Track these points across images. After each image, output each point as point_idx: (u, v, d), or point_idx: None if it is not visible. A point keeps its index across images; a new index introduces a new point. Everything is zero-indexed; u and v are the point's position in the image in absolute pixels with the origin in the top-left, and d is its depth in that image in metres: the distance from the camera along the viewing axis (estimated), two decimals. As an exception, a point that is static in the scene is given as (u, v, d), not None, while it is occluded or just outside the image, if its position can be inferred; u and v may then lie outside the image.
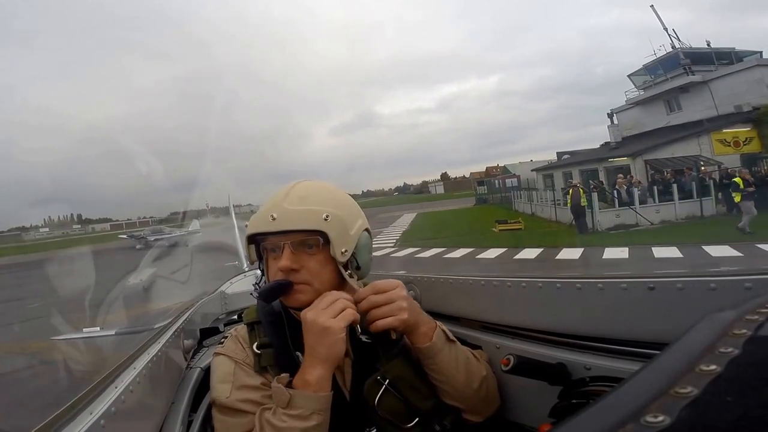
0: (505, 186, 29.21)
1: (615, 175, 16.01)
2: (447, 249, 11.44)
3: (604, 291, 0.80)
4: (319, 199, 0.83)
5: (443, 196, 66.01)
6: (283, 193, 0.83)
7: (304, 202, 0.82)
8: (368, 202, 63.85)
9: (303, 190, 0.85)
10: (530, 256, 9.43)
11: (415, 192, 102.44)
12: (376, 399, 0.80)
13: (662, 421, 0.22)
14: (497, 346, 0.99)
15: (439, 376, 0.84)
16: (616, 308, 0.77)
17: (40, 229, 64.74)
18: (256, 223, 0.82)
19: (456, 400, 0.86)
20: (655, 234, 10.70)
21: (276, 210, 0.80)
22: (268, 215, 0.80)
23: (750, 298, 0.50)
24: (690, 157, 15.46)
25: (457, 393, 0.85)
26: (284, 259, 0.79)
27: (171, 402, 0.87)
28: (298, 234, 0.80)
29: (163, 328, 1.10)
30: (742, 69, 17.88)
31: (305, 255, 0.80)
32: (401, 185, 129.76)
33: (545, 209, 17.33)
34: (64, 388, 4.17)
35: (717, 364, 0.26)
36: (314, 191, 0.85)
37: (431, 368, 0.85)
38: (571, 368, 0.84)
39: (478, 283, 1.07)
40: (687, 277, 0.70)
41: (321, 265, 0.82)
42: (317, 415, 0.70)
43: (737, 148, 16.27)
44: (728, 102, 17.65)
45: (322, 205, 0.82)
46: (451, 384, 0.84)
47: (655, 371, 0.29)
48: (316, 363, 0.74)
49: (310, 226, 0.80)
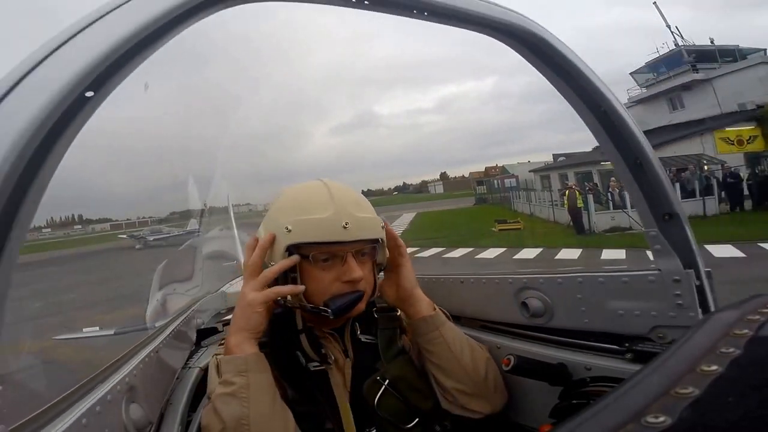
0: (504, 186, 29.22)
1: (608, 178, 15.96)
2: (446, 249, 11.43)
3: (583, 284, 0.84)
4: (366, 204, 0.83)
5: (443, 196, 66.01)
6: (335, 196, 0.77)
7: (364, 209, 0.80)
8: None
9: (348, 193, 0.81)
10: (530, 256, 9.42)
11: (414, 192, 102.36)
12: (376, 399, 0.80)
13: (663, 421, 0.22)
14: (498, 346, 0.98)
15: (446, 353, 0.83)
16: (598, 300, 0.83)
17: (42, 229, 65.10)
18: (322, 231, 0.74)
19: (464, 383, 0.83)
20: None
21: (347, 217, 0.75)
22: (339, 223, 0.74)
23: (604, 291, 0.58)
24: (693, 155, 15.40)
25: (465, 373, 0.83)
26: (356, 270, 0.77)
27: (166, 401, 0.87)
28: (365, 243, 0.80)
29: (162, 327, 1.10)
30: (746, 66, 17.82)
31: (359, 263, 0.80)
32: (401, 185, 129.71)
33: (544, 210, 17.31)
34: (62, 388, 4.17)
35: (718, 365, 0.26)
36: (358, 195, 0.83)
37: (437, 342, 0.83)
38: (572, 368, 0.84)
39: (479, 281, 1.06)
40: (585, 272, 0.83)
41: (370, 270, 0.83)
42: (240, 377, 0.70)
43: (741, 146, 16.22)
44: (732, 100, 17.58)
45: (372, 211, 0.83)
46: (459, 362, 0.83)
47: (656, 371, 0.28)
48: (235, 330, 0.75)
49: (376, 234, 0.80)
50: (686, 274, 0.69)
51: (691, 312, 0.70)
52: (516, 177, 30.72)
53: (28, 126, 0.29)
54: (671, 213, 0.69)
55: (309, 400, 0.79)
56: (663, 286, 0.72)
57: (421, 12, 0.54)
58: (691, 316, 0.69)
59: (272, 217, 0.82)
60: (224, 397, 0.69)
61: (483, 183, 41.26)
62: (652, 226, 0.71)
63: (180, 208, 3.05)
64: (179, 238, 10.71)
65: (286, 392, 0.79)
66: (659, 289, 0.73)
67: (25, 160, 0.29)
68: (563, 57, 0.62)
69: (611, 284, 0.79)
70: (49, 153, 0.32)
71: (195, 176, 2.51)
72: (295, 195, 0.82)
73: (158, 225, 30.79)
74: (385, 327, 0.90)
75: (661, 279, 0.72)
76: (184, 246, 3.07)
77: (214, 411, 0.69)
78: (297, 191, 0.83)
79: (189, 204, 2.88)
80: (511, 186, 27.44)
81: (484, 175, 57.99)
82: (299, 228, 0.75)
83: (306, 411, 0.78)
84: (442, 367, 0.84)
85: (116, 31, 0.35)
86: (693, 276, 0.69)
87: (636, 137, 0.65)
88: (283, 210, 0.80)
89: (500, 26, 0.58)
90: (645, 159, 0.66)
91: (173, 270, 2.57)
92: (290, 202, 0.81)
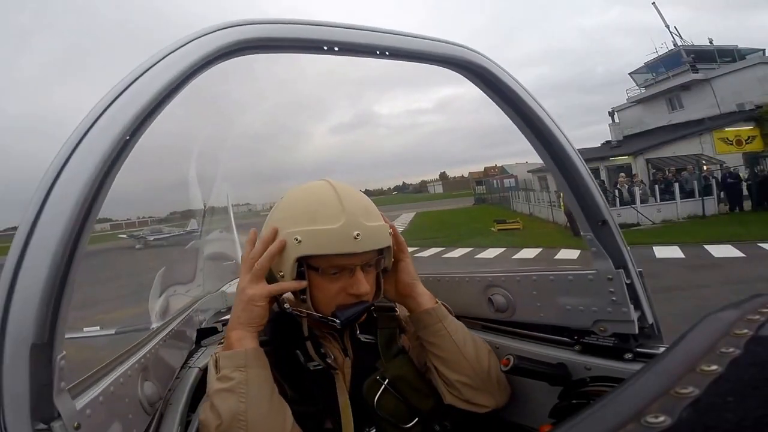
0: (504, 186, 29.22)
1: (616, 174, 15.97)
2: (446, 248, 11.43)
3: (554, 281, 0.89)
4: (375, 210, 0.80)
5: (442, 196, 66.02)
6: (344, 203, 0.75)
7: (373, 217, 0.78)
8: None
9: (357, 199, 0.78)
10: (529, 256, 9.43)
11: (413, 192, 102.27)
12: (376, 399, 0.80)
13: (663, 421, 0.22)
14: (497, 346, 0.98)
15: (450, 345, 0.83)
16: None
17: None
18: (333, 243, 0.73)
19: (468, 375, 0.82)
20: (657, 233, 10.68)
21: (358, 227, 0.73)
22: (351, 233, 0.72)
23: None
24: (692, 155, 15.42)
25: (469, 365, 0.83)
26: (363, 284, 0.77)
27: (164, 400, 0.87)
28: (374, 253, 0.79)
29: (162, 327, 1.10)
30: (744, 67, 17.83)
31: (366, 273, 0.79)
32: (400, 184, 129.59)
33: (543, 210, 17.32)
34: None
35: (718, 365, 0.26)
36: (367, 201, 0.80)
37: (441, 334, 0.83)
38: (571, 368, 0.84)
39: (453, 279, 1.10)
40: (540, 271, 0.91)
41: (374, 278, 0.83)
42: (239, 372, 0.69)
43: (739, 146, 16.24)
44: (730, 100, 17.61)
45: (380, 217, 0.81)
46: (463, 354, 0.83)
47: (656, 371, 0.28)
48: (236, 326, 0.74)
49: (385, 243, 0.80)
50: (617, 273, 0.77)
51: (624, 308, 0.77)
52: (515, 177, 30.73)
53: (95, 167, 0.45)
54: (604, 220, 0.76)
55: (308, 400, 0.79)
56: (600, 285, 0.80)
57: (383, 53, 0.63)
58: (624, 311, 0.77)
59: (277, 219, 0.79)
60: (222, 393, 0.68)
61: (482, 183, 41.28)
62: (587, 231, 0.79)
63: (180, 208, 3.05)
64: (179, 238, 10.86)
65: (285, 391, 0.78)
66: (597, 287, 0.81)
67: (94, 189, 0.45)
68: (507, 86, 0.70)
69: (560, 282, 0.88)
70: (104, 184, 0.47)
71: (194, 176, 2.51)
72: (302, 200, 0.79)
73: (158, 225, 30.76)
74: (384, 326, 0.90)
75: (598, 278, 0.80)
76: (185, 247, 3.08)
77: (211, 406, 0.68)
78: (304, 195, 0.80)
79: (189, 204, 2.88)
80: (511, 186, 27.46)
81: (484, 175, 58.08)
82: (310, 240, 0.73)
83: (305, 410, 0.78)
84: (446, 359, 0.83)
85: (150, 89, 0.48)
86: (623, 275, 0.77)
87: (571, 157, 0.73)
88: (290, 217, 0.77)
89: (452, 60, 0.68)
90: (578, 174, 0.74)
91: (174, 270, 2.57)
92: (298, 209, 0.78)
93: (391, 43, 0.63)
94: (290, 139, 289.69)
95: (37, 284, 0.42)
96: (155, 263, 2.79)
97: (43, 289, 0.43)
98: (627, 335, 0.79)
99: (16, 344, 0.42)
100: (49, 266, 0.43)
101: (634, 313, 0.77)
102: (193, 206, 2.84)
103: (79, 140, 0.45)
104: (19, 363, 0.42)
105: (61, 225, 0.43)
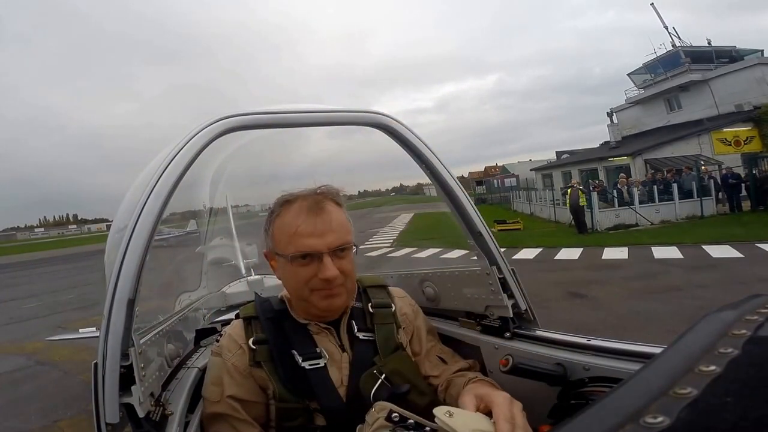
0: (504, 186, 29.21)
1: (615, 175, 15.98)
2: (444, 249, 11.42)
3: None
4: (342, 226, 0.90)
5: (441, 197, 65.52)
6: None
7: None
8: (365, 203, 63.77)
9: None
10: (529, 257, 9.42)
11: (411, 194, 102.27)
12: (372, 392, 0.80)
13: (662, 421, 0.22)
14: (496, 347, 0.99)
15: None
16: None
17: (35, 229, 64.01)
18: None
19: None
20: (655, 234, 10.69)
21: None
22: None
23: None
24: (690, 156, 15.45)
25: None
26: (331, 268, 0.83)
27: (165, 401, 0.86)
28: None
29: (159, 323, 1.10)
30: (742, 67, 17.87)
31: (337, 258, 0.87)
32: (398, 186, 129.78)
33: (544, 209, 17.30)
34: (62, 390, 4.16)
35: (717, 365, 0.26)
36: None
37: None
38: (570, 369, 0.84)
39: (400, 275, 1.30)
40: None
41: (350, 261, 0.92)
42: None
43: (738, 147, 16.27)
44: (729, 101, 17.65)
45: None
46: None
47: (655, 372, 0.28)
48: None
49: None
50: (492, 269, 0.99)
51: (499, 296, 0.99)
52: (516, 176, 30.71)
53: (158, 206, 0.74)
54: (479, 231, 0.98)
55: (303, 396, 0.80)
56: (483, 279, 1.02)
57: (322, 124, 0.86)
58: (500, 299, 0.99)
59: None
60: None
61: (482, 183, 41.28)
62: (470, 238, 1.00)
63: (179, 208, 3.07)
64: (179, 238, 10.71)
65: (278, 389, 0.80)
66: (482, 280, 1.02)
67: (157, 214, 0.74)
68: (409, 140, 0.91)
69: (462, 276, 1.10)
70: (162, 213, 0.75)
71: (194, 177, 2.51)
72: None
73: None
74: (382, 322, 0.91)
75: (482, 273, 1.02)
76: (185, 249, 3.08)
77: None
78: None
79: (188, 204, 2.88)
80: (511, 185, 27.43)
81: (484, 175, 58.03)
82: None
83: (300, 407, 0.78)
84: None
85: (176, 171, 0.75)
86: (496, 271, 0.98)
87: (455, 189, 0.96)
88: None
89: (373, 122, 0.90)
90: (459, 200, 0.96)
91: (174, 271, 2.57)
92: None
93: (325, 119, 0.86)
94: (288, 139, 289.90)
95: (134, 260, 0.71)
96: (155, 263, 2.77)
97: (137, 264, 0.71)
98: (507, 318, 0.99)
99: (121, 298, 0.70)
100: (141, 251, 0.71)
101: (508, 301, 0.98)
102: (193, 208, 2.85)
103: (148, 195, 0.74)
104: (121, 310, 0.70)
105: (146, 229, 0.73)
